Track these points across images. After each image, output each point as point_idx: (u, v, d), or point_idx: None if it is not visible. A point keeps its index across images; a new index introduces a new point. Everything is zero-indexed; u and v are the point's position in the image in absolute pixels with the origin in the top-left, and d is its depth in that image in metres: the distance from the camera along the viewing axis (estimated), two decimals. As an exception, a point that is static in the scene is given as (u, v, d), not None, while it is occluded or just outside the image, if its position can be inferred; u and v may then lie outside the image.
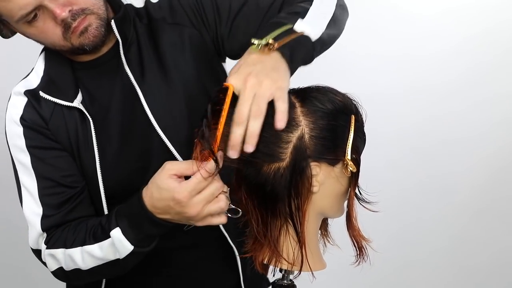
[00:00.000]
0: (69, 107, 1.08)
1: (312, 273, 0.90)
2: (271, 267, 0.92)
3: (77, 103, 1.08)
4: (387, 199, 1.25)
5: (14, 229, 1.68)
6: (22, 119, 1.07)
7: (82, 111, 1.07)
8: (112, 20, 1.06)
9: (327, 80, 0.95)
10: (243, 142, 0.82)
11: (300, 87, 0.90)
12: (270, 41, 0.87)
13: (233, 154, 0.82)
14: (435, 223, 2.30)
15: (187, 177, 0.89)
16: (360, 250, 0.92)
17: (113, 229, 0.98)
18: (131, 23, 1.11)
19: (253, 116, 0.81)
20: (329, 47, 1.05)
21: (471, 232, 2.30)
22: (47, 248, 1.06)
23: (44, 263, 1.10)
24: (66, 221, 1.07)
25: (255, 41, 0.88)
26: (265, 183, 0.85)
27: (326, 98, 0.86)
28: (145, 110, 1.08)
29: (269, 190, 0.85)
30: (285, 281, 0.94)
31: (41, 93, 1.07)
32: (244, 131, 0.81)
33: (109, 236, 0.98)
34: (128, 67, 1.09)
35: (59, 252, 1.05)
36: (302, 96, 0.87)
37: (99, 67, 1.11)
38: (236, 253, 1.20)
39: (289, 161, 0.84)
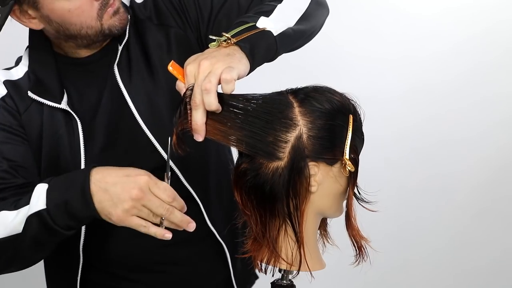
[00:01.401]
0: (53, 108, 1.07)
1: (311, 273, 0.90)
2: (267, 266, 0.92)
3: (64, 104, 1.08)
4: (386, 199, 1.25)
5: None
6: (2, 101, 1.07)
7: (69, 112, 1.07)
8: None
9: (326, 80, 0.95)
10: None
11: (298, 87, 0.90)
12: (228, 36, 0.88)
13: (198, 137, 0.84)
14: (435, 222, 2.29)
15: None
16: (359, 250, 0.92)
17: (41, 184, 0.94)
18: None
19: (205, 92, 0.81)
20: (300, 42, 1.06)
21: (470, 232, 2.30)
22: None
23: None
24: None
25: (213, 37, 0.89)
26: (263, 183, 0.85)
27: (324, 98, 0.86)
28: (131, 111, 1.09)
29: (267, 190, 0.85)
30: (284, 281, 0.94)
31: (30, 93, 1.07)
32: (203, 113, 0.83)
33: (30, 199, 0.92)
34: (117, 67, 1.10)
35: None
36: (300, 96, 0.87)
37: (90, 65, 1.11)
38: (226, 249, 1.21)
39: (287, 161, 0.84)
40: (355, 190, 0.90)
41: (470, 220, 2.29)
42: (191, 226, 0.94)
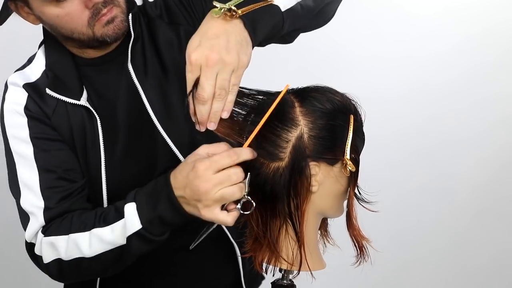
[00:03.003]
0: (75, 105, 1.06)
1: (311, 273, 0.90)
2: (268, 266, 0.92)
3: (84, 101, 1.06)
4: (387, 199, 1.25)
5: (14, 229, 1.68)
6: (27, 109, 1.05)
7: (89, 109, 1.06)
8: (130, 15, 1.06)
9: (327, 80, 0.95)
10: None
11: (299, 87, 0.90)
12: (233, 7, 0.84)
13: (199, 128, 0.85)
14: (435, 223, 2.29)
15: None
16: (360, 250, 0.92)
17: (129, 203, 0.94)
18: (137, 21, 1.11)
19: (217, 97, 0.82)
20: (307, 22, 1.01)
21: (471, 232, 2.30)
22: (45, 236, 1.01)
23: (35, 258, 1.05)
24: (68, 211, 1.04)
25: (217, 4, 0.85)
26: (264, 183, 0.85)
27: (325, 98, 0.86)
28: (147, 110, 1.08)
29: (268, 190, 0.85)
30: (284, 281, 0.94)
31: (48, 90, 1.05)
32: (209, 109, 0.83)
33: (122, 216, 0.94)
34: (132, 65, 1.08)
35: (61, 239, 1.00)
36: (301, 96, 0.87)
37: (104, 64, 1.10)
38: (238, 251, 1.20)
39: (288, 161, 0.84)
40: (356, 190, 0.90)
41: (470, 220, 2.29)
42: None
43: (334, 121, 0.86)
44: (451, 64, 2.17)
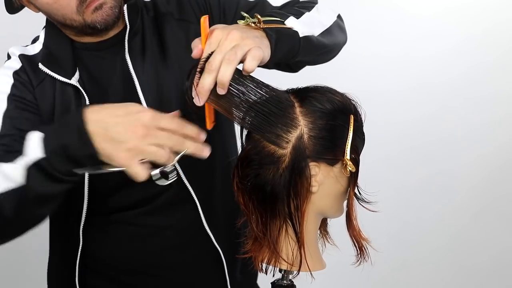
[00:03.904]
0: (64, 83, 1.07)
1: (311, 273, 0.90)
2: (268, 266, 0.92)
3: (74, 80, 1.07)
4: (387, 199, 1.25)
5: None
6: (16, 74, 1.07)
7: (78, 89, 1.07)
8: (125, 5, 1.08)
9: (327, 80, 0.95)
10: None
11: (299, 87, 0.90)
12: (260, 17, 0.87)
13: (196, 101, 0.82)
14: (435, 222, 2.30)
15: None
16: (360, 250, 0.92)
17: (33, 132, 0.86)
18: (139, 13, 1.12)
19: (226, 61, 0.80)
20: (318, 56, 1.04)
21: (471, 231, 2.30)
22: None
23: None
24: None
25: (245, 15, 0.87)
26: (264, 184, 0.85)
27: (325, 98, 0.86)
28: (140, 102, 1.08)
29: (268, 191, 0.85)
30: (284, 281, 0.94)
31: (40, 65, 1.07)
32: (213, 80, 0.81)
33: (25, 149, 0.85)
34: (129, 55, 1.09)
35: None
36: (301, 96, 0.86)
37: (100, 51, 1.11)
38: (222, 256, 1.19)
39: (288, 161, 0.84)
40: (356, 190, 0.90)
41: (470, 219, 2.29)
42: (206, 152, 0.85)
43: (334, 121, 0.85)
44: (451, 64, 2.17)
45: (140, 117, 0.81)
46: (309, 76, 1.15)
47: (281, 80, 0.95)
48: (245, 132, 0.88)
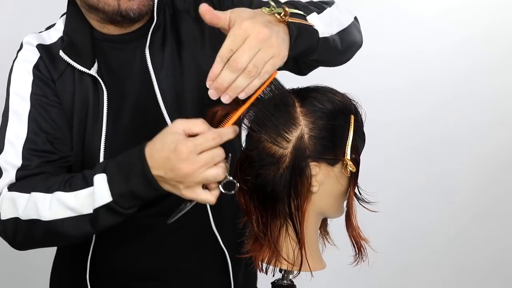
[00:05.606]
0: (83, 74, 1.06)
1: (311, 273, 0.90)
2: (268, 266, 0.92)
3: (93, 71, 1.07)
4: (387, 199, 1.25)
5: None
6: (36, 69, 1.06)
7: (97, 80, 1.06)
8: (156, 0, 1.08)
9: (327, 80, 0.95)
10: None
11: (300, 87, 0.90)
12: (287, 9, 0.84)
13: (212, 95, 0.82)
14: (435, 223, 2.30)
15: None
16: (359, 250, 0.92)
17: (98, 174, 0.90)
18: (162, 8, 1.12)
19: (246, 73, 0.80)
20: (328, 55, 1.02)
21: (471, 232, 2.30)
22: (9, 191, 0.98)
23: None
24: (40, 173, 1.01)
25: (272, 3, 0.84)
26: (265, 184, 0.85)
27: (325, 98, 0.86)
28: (157, 98, 1.07)
29: (269, 191, 0.85)
30: (284, 281, 0.94)
31: (61, 53, 1.07)
32: (233, 80, 0.80)
33: (91, 184, 0.90)
34: (149, 51, 1.09)
35: (23, 196, 0.96)
36: (301, 96, 0.87)
37: (121, 43, 1.11)
38: (228, 259, 1.19)
39: (288, 161, 0.84)
40: (356, 190, 0.90)
41: (470, 220, 2.29)
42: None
43: (335, 121, 0.85)
44: (451, 64, 2.17)
45: (181, 156, 0.82)
46: (309, 76, 1.15)
47: (281, 80, 0.95)
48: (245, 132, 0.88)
